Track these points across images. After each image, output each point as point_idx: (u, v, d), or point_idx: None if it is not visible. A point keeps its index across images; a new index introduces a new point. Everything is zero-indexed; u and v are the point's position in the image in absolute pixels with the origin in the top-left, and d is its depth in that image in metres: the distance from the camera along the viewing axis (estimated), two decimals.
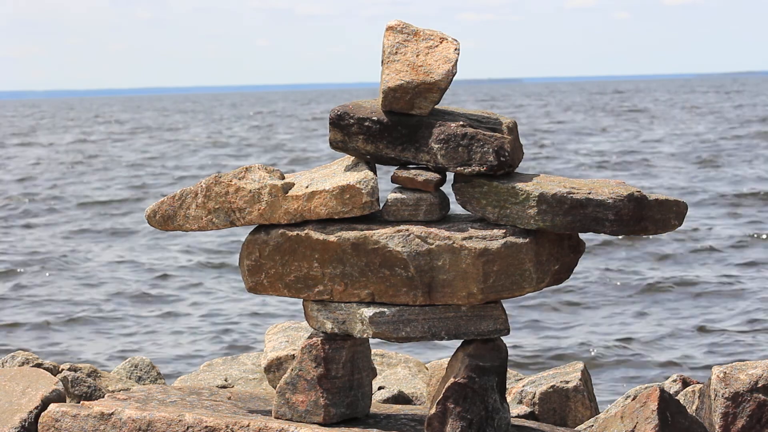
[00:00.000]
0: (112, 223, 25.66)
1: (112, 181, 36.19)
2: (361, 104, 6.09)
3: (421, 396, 7.74)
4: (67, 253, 21.12)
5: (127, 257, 20.77)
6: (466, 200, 5.97)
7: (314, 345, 6.11)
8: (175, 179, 35.74)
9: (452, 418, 5.90)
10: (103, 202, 30.07)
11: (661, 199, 5.91)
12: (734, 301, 15.41)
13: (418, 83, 5.89)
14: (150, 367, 8.65)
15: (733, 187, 27.83)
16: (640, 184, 27.92)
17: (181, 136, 62.24)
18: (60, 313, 15.98)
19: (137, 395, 6.48)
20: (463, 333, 5.98)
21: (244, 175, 6.12)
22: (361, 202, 5.96)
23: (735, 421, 6.33)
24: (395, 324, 5.97)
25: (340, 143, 6.03)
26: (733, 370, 6.41)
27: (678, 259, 18.74)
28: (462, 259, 5.87)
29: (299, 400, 6.13)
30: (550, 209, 5.82)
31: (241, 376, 8.28)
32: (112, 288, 17.81)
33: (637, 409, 6.15)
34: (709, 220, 22.73)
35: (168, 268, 19.43)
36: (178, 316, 15.76)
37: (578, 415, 7.17)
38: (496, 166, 5.89)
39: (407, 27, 6.00)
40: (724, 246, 19.63)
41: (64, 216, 27.39)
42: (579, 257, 6.03)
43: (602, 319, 14.83)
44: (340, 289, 6.02)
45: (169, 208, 6.20)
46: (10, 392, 6.72)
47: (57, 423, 6.17)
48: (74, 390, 7.72)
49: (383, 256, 5.93)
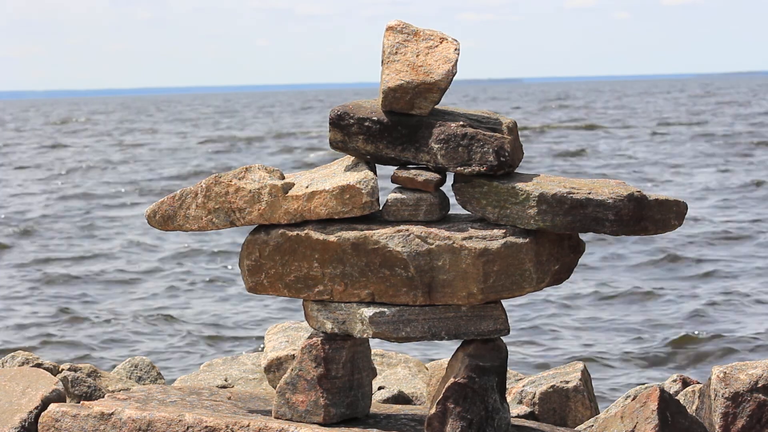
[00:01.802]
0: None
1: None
2: (361, 104, 6.08)
3: (421, 396, 7.74)
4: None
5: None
6: (466, 200, 5.97)
7: (314, 345, 6.10)
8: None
9: (452, 418, 5.90)
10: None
11: (661, 199, 5.91)
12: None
13: (418, 83, 5.89)
14: (150, 367, 8.64)
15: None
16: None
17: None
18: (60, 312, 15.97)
19: (137, 395, 6.48)
20: (463, 333, 5.97)
21: (244, 175, 6.12)
22: (361, 202, 5.96)
23: (735, 421, 6.32)
24: (395, 324, 5.97)
25: (340, 143, 6.03)
26: (733, 370, 6.41)
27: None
28: (462, 259, 5.87)
29: (299, 400, 6.13)
30: (550, 209, 5.82)
31: (241, 376, 8.27)
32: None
33: (637, 409, 6.15)
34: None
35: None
36: (178, 316, 15.75)
37: (578, 415, 7.17)
38: (496, 166, 5.89)
39: (407, 27, 6.00)
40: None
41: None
42: (579, 257, 6.03)
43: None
44: (340, 289, 6.02)
45: (169, 208, 6.20)
46: (10, 392, 6.71)
47: (57, 423, 6.17)
48: (74, 390, 7.72)
49: (383, 256, 5.93)
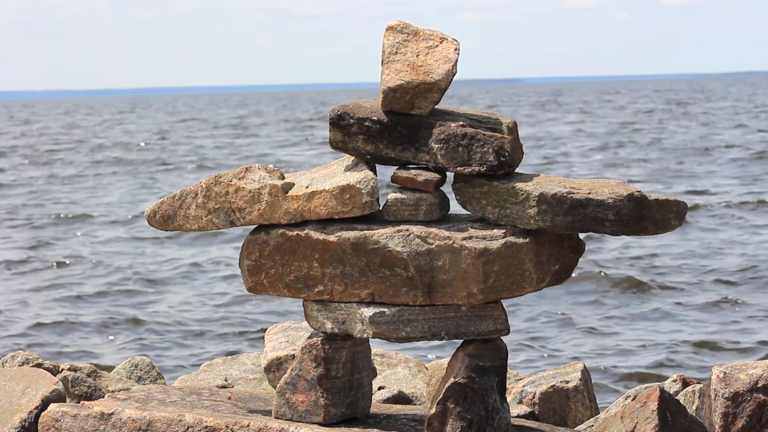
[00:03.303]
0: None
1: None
2: (361, 104, 6.08)
3: (421, 396, 7.73)
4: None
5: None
6: (466, 200, 5.97)
7: (314, 345, 6.10)
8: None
9: (452, 418, 5.89)
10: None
11: (661, 199, 5.91)
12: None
13: (418, 83, 5.89)
14: (150, 367, 8.64)
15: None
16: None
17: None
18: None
19: (137, 395, 6.48)
20: (463, 333, 5.97)
21: (244, 175, 6.12)
22: (361, 202, 5.96)
23: (735, 421, 6.32)
24: (395, 324, 5.96)
25: (340, 143, 6.03)
26: (733, 370, 6.40)
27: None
28: (462, 259, 5.87)
29: (299, 400, 6.13)
30: (550, 209, 5.82)
31: (241, 376, 8.27)
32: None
33: (637, 409, 6.14)
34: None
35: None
36: (178, 316, 15.75)
37: (578, 415, 7.16)
38: (496, 166, 5.89)
39: (407, 27, 6.00)
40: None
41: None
42: (579, 257, 6.03)
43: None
44: (340, 289, 6.02)
45: (169, 208, 6.20)
46: (10, 392, 6.71)
47: (57, 423, 6.17)
48: (74, 390, 7.72)
49: (383, 256, 5.93)
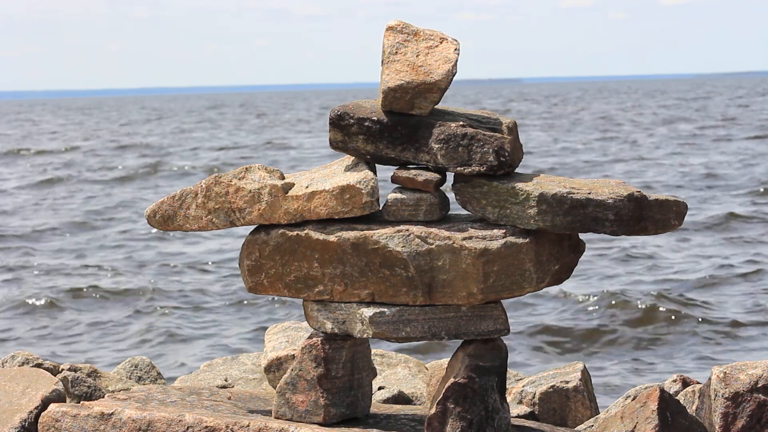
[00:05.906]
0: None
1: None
2: (361, 104, 6.08)
3: (421, 396, 7.73)
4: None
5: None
6: (466, 200, 5.97)
7: (314, 345, 6.10)
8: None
9: (452, 418, 5.89)
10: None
11: (661, 199, 5.91)
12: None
13: (418, 83, 5.89)
14: (150, 367, 8.64)
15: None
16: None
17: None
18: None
19: (137, 395, 6.48)
20: (463, 333, 5.97)
21: (244, 175, 6.12)
22: (361, 202, 5.96)
23: (735, 421, 6.32)
24: (395, 324, 5.97)
25: (340, 143, 6.03)
26: (733, 370, 6.40)
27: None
28: (462, 259, 5.87)
29: (299, 400, 6.13)
30: (550, 209, 5.82)
31: (241, 376, 8.27)
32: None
33: (637, 409, 6.15)
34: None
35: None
36: (178, 316, 15.75)
37: (578, 415, 7.16)
38: (496, 166, 5.89)
39: (407, 27, 6.00)
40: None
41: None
42: (579, 257, 6.03)
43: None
44: (340, 289, 6.02)
45: (168, 208, 6.20)
46: (10, 392, 6.71)
47: (57, 423, 6.17)
48: (74, 390, 7.71)
49: (383, 256, 5.93)
